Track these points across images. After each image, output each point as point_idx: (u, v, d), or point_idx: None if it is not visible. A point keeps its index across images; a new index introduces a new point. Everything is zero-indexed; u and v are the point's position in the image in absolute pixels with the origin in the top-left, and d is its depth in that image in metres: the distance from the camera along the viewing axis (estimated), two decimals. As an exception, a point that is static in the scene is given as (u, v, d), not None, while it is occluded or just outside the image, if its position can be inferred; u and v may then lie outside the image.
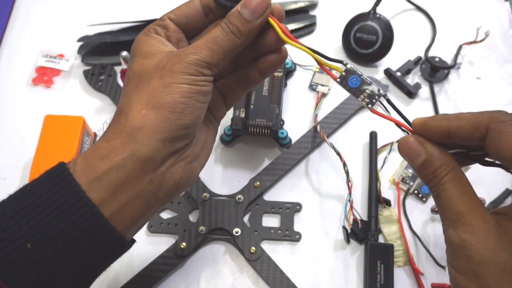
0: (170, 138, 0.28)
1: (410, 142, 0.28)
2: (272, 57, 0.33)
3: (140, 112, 0.28)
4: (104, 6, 0.65)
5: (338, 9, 0.64)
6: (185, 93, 0.28)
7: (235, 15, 0.29)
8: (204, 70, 0.29)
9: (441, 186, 0.27)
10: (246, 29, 0.29)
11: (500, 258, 0.24)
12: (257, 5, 0.29)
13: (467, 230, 0.25)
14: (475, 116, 0.26)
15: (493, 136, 0.25)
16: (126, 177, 0.27)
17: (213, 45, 0.29)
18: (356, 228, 0.47)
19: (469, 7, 0.64)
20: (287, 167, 0.51)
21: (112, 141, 0.28)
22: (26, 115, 0.56)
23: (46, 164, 0.46)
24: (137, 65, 0.30)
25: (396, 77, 0.57)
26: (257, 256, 0.46)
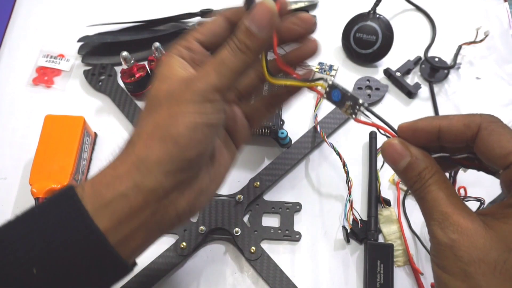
0: (172, 171, 0.28)
1: (395, 144, 0.28)
2: (304, 49, 0.33)
3: (146, 143, 0.28)
4: (104, 6, 0.65)
5: (338, 9, 0.64)
6: (191, 124, 0.27)
7: (242, 31, 0.28)
8: (213, 96, 0.28)
9: (426, 188, 0.27)
10: (254, 43, 0.28)
11: (490, 257, 0.24)
12: (263, 18, 0.28)
13: (456, 230, 0.25)
14: (466, 116, 0.27)
15: (485, 135, 0.26)
16: (129, 207, 0.27)
17: (221, 67, 0.28)
18: (356, 228, 0.47)
19: (469, 7, 0.64)
20: (287, 167, 0.51)
21: (118, 169, 0.28)
22: (26, 115, 0.56)
23: (46, 164, 0.47)
24: (154, 88, 0.30)
25: (396, 77, 0.57)
26: (257, 256, 0.46)
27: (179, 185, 0.29)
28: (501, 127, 0.25)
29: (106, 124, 0.55)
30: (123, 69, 0.55)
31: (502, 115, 0.56)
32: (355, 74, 0.59)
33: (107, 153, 0.53)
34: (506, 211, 0.25)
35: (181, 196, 0.29)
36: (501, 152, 0.25)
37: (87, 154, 0.52)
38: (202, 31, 0.31)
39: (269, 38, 0.29)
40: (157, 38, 0.58)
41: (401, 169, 0.28)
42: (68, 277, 0.26)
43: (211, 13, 0.61)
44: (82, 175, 0.50)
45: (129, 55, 0.53)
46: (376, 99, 0.56)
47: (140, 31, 0.61)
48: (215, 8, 0.62)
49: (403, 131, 0.29)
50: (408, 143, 0.28)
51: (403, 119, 0.58)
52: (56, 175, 0.46)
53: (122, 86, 0.57)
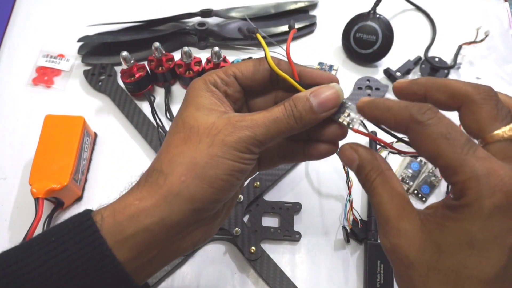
0: (201, 209, 0.28)
1: (344, 149, 0.29)
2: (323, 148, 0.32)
3: (180, 178, 0.27)
4: (104, 6, 0.65)
5: (338, 9, 0.64)
6: (229, 170, 0.28)
7: (303, 100, 0.29)
8: (254, 148, 0.28)
9: (372, 190, 0.27)
10: (308, 118, 0.29)
11: (424, 258, 0.24)
12: (328, 100, 0.29)
13: (396, 234, 0.25)
14: (398, 112, 0.26)
15: (412, 137, 0.25)
16: (151, 240, 0.27)
17: (271, 125, 0.28)
18: (356, 228, 0.47)
19: (469, 7, 0.64)
20: (287, 167, 0.51)
21: (144, 201, 0.27)
22: (26, 115, 0.56)
23: (46, 164, 0.47)
24: (189, 115, 0.29)
25: (396, 77, 0.57)
26: (257, 256, 0.46)
27: (201, 221, 0.29)
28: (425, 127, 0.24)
29: (106, 124, 0.55)
30: (123, 69, 0.55)
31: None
32: (355, 74, 0.59)
33: (107, 153, 0.53)
34: (444, 211, 0.25)
35: (198, 228, 0.30)
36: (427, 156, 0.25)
37: (87, 154, 0.52)
38: (242, 70, 0.31)
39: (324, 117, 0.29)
40: (157, 38, 0.58)
41: (354, 171, 0.29)
42: None
43: (211, 13, 0.61)
44: (82, 175, 0.50)
45: (129, 55, 0.53)
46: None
47: (140, 31, 0.61)
48: (215, 8, 0.62)
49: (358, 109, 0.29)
50: (357, 146, 0.29)
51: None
52: (56, 175, 0.46)
53: (122, 86, 0.57)
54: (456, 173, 0.23)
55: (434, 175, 0.51)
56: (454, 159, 0.23)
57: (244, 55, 0.60)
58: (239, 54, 0.61)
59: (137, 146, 0.54)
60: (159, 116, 0.54)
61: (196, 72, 0.56)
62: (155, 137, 0.53)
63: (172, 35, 0.61)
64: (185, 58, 0.55)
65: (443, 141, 0.24)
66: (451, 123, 0.24)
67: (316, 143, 0.33)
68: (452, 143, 0.23)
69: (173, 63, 0.56)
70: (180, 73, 0.56)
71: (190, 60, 0.55)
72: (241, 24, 0.62)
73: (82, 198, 0.50)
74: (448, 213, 0.24)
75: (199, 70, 0.56)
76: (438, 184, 0.50)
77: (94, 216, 0.27)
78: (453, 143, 0.23)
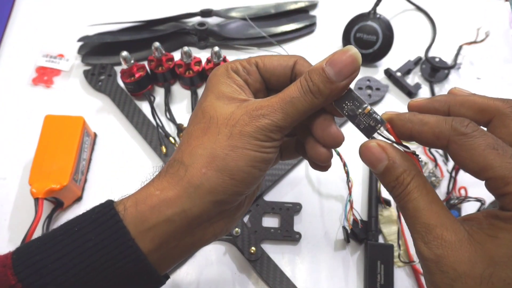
0: (222, 201, 0.28)
1: (371, 147, 0.26)
2: None
3: (201, 170, 0.27)
4: (104, 6, 0.65)
5: (338, 9, 0.64)
6: (250, 161, 0.27)
7: (318, 72, 0.27)
8: (275, 134, 0.28)
9: (406, 196, 0.25)
10: (328, 89, 0.27)
11: (476, 271, 0.23)
12: (345, 65, 0.27)
13: (440, 244, 0.24)
14: (437, 125, 0.25)
15: (455, 149, 0.24)
16: (173, 231, 0.27)
17: (289, 106, 0.27)
18: (356, 228, 0.47)
19: (469, 7, 0.64)
20: (287, 167, 0.51)
21: (165, 192, 0.27)
22: (26, 115, 0.56)
23: (45, 164, 0.47)
24: (208, 104, 0.29)
25: (396, 77, 0.57)
26: (257, 256, 0.46)
27: (223, 212, 0.29)
28: (471, 139, 0.24)
29: (106, 124, 0.55)
30: (123, 69, 0.55)
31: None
32: (355, 74, 0.59)
33: (107, 153, 0.53)
34: (492, 222, 0.24)
35: (220, 219, 0.30)
36: (475, 168, 0.24)
37: (86, 154, 0.51)
38: (265, 62, 0.30)
39: (345, 86, 0.27)
40: (157, 38, 0.58)
41: (379, 173, 0.27)
42: None
43: (211, 13, 0.61)
44: (82, 175, 0.50)
45: (129, 55, 0.53)
46: (377, 99, 0.56)
47: (140, 31, 0.61)
48: (215, 8, 0.62)
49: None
50: (386, 145, 0.26)
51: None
52: (55, 175, 0.46)
53: (122, 86, 0.57)
54: (509, 183, 0.22)
55: (435, 175, 0.51)
56: (506, 169, 0.23)
57: (244, 55, 0.60)
58: (239, 54, 0.61)
59: (137, 146, 0.54)
60: (159, 116, 0.54)
61: (196, 72, 0.55)
62: (155, 137, 0.53)
63: (172, 35, 0.61)
64: (185, 58, 0.55)
65: (492, 152, 0.23)
66: (494, 136, 0.24)
67: None
68: (502, 154, 0.23)
69: (173, 63, 0.56)
70: (180, 73, 0.56)
71: (190, 60, 0.55)
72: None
73: (82, 198, 0.50)
74: (499, 224, 0.24)
75: (199, 70, 0.56)
76: (438, 185, 0.50)
77: (116, 206, 0.27)
78: (503, 153, 0.23)
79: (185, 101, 0.58)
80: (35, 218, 0.44)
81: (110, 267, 0.26)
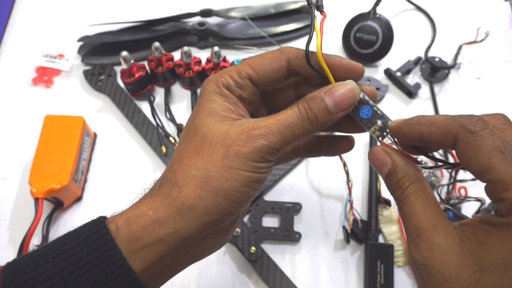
0: (217, 221, 0.27)
1: (377, 152, 0.28)
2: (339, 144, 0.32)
3: (195, 191, 0.27)
4: (104, 6, 0.65)
5: (338, 9, 0.64)
6: (245, 182, 0.27)
7: (317, 101, 0.27)
8: (270, 156, 0.27)
9: (404, 199, 0.26)
10: (325, 119, 0.27)
11: (462, 276, 0.23)
12: (344, 99, 0.27)
13: (429, 247, 0.24)
14: (445, 124, 0.25)
15: (462, 147, 0.24)
16: (165, 250, 0.27)
17: (286, 131, 0.27)
18: (356, 228, 0.47)
19: (469, 7, 0.64)
20: (287, 167, 0.51)
21: (158, 212, 0.27)
22: (26, 115, 0.56)
23: (45, 164, 0.47)
24: (201, 122, 0.28)
25: (396, 77, 0.57)
26: (257, 257, 0.46)
27: (217, 230, 0.29)
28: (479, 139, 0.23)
29: (106, 124, 0.55)
30: (122, 69, 0.55)
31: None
32: (355, 74, 0.59)
33: (107, 153, 0.53)
34: (485, 228, 0.24)
35: (214, 237, 0.30)
36: (477, 169, 0.24)
37: (86, 154, 0.51)
38: (257, 70, 0.29)
39: (341, 117, 0.28)
40: (157, 38, 0.58)
41: (384, 176, 0.28)
42: None
43: (211, 13, 0.61)
44: (82, 175, 0.50)
45: (129, 55, 0.53)
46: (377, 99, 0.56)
47: (140, 31, 0.61)
48: (215, 8, 0.62)
49: (392, 132, 0.28)
50: (391, 150, 0.28)
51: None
52: (55, 175, 0.46)
53: (122, 86, 0.57)
54: (508, 189, 0.22)
55: (435, 175, 0.51)
56: (508, 175, 0.22)
57: (244, 54, 0.60)
58: (239, 54, 0.61)
59: (137, 146, 0.54)
60: (159, 116, 0.54)
61: (196, 72, 0.55)
62: (155, 137, 0.53)
63: (172, 35, 0.61)
64: (185, 58, 0.55)
65: (497, 154, 0.23)
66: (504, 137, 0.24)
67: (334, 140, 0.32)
68: (508, 158, 0.23)
69: (173, 63, 0.56)
70: (180, 73, 0.56)
71: (190, 60, 0.55)
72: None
73: (82, 198, 0.50)
74: (492, 230, 0.23)
75: (199, 70, 0.56)
76: (438, 184, 0.50)
77: (108, 224, 0.27)
78: (508, 158, 0.23)
79: (185, 101, 0.58)
80: (35, 218, 0.44)
81: (101, 287, 0.26)
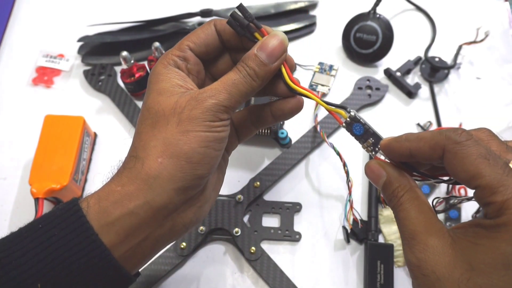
0: (184, 187, 0.28)
1: (372, 165, 0.30)
2: (285, 106, 0.33)
3: (157, 160, 0.28)
4: (104, 6, 0.65)
5: (338, 9, 0.64)
6: (203, 142, 0.28)
7: (252, 57, 0.29)
8: (222, 114, 0.29)
9: (399, 206, 0.28)
10: (262, 72, 0.29)
11: (454, 275, 0.24)
12: (274, 49, 0.29)
13: (422, 249, 0.25)
14: (432, 137, 0.27)
15: (449, 158, 0.26)
16: (138, 223, 0.28)
17: (231, 88, 0.29)
18: (356, 228, 0.47)
19: (469, 7, 0.64)
20: (287, 167, 0.51)
21: (126, 186, 0.28)
22: (26, 115, 0.56)
23: (46, 164, 0.47)
24: (152, 101, 0.29)
25: (396, 77, 0.57)
26: (257, 256, 0.46)
27: (189, 201, 0.29)
28: (464, 148, 0.25)
29: (106, 124, 0.55)
30: (123, 69, 0.55)
31: (502, 115, 0.57)
32: (355, 74, 0.59)
33: (107, 153, 0.53)
34: (476, 230, 0.25)
35: (188, 208, 0.30)
36: (465, 176, 0.25)
37: (87, 154, 0.52)
38: (194, 40, 0.31)
39: (277, 67, 0.30)
40: (157, 38, 0.58)
41: (380, 188, 0.30)
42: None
43: (211, 13, 0.61)
44: (82, 175, 0.50)
45: (129, 55, 0.53)
46: (376, 99, 0.56)
47: (140, 31, 0.61)
48: (215, 8, 0.62)
49: (383, 150, 0.30)
50: (385, 163, 0.30)
51: (404, 119, 0.58)
52: (55, 175, 0.46)
53: (122, 86, 0.57)
54: (495, 193, 0.24)
55: (434, 175, 0.51)
56: (494, 179, 0.24)
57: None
58: (239, 54, 0.61)
59: (137, 146, 0.54)
60: (159, 116, 0.54)
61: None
62: (155, 137, 0.53)
63: (172, 35, 0.61)
64: (157, 54, 0.54)
65: (483, 161, 0.24)
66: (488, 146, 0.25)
67: (278, 103, 0.33)
68: (493, 164, 0.24)
69: (173, 63, 0.56)
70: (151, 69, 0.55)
71: None
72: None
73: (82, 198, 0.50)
74: (481, 231, 0.24)
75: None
76: (438, 184, 0.50)
77: (80, 203, 0.28)
78: (493, 163, 0.24)
79: (185, 101, 0.57)
80: (35, 218, 0.44)
81: (75, 262, 0.26)
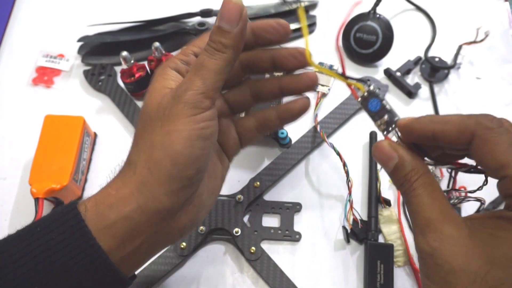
0: (174, 191, 0.28)
1: (383, 146, 0.28)
2: (294, 106, 0.32)
3: (145, 165, 0.28)
4: (104, 6, 0.65)
5: (338, 9, 0.64)
6: (187, 141, 0.27)
7: (215, 31, 0.28)
8: (203, 103, 0.28)
9: (411, 191, 0.26)
10: (230, 40, 0.28)
11: (471, 268, 0.23)
12: (230, 12, 0.28)
13: (437, 237, 0.24)
14: (461, 121, 0.25)
15: (478, 144, 0.24)
16: (133, 228, 0.28)
17: (202, 71, 0.28)
18: (356, 228, 0.47)
19: (469, 7, 0.64)
20: (287, 167, 0.51)
21: (121, 191, 0.28)
22: (26, 115, 0.56)
23: (46, 164, 0.47)
24: (144, 103, 0.30)
25: (396, 77, 0.57)
26: (257, 256, 0.46)
27: (181, 204, 0.29)
28: (496, 135, 0.24)
29: (106, 124, 0.55)
30: (123, 69, 0.55)
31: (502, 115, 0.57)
32: (355, 74, 0.59)
33: (107, 153, 0.53)
34: (496, 221, 0.24)
35: (183, 213, 0.30)
36: (494, 165, 0.24)
37: (87, 154, 0.52)
38: (199, 45, 0.31)
39: (243, 31, 0.28)
40: (157, 38, 0.58)
41: (390, 170, 0.28)
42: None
43: (211, 13, 0.61)
44: (82, 175, 0.50)
45: (129, 55, 0.53)
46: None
47: (140, 31, 0.61)
48: (215, 8, 0.62)
49: (401, 129, 0.28)
50: (397, 144, 0.28)
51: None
52: (56, 175, 0.46)
53: (122, 86, 0.57)
54: None
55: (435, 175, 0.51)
56: None
57: (244, 55, 0.60)
58: (239, 54, 0.61)
59: (137, 146, 0.54)
60: (159, 116, 0.54)
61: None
62: (155, 137, 0.53)
63: (172, 35, 0.61)
64: (157, 54, 0.54)
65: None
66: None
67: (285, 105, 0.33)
68: None
69: (173, 63, 0.56)
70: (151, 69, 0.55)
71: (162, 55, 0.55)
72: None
73: (82, 198, 0.50)
74: (503, 223, 0.24)
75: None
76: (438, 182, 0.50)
77: (78, 206, 0.28)
78: None
79: (185, 101, 0.57)
80: (35, 218, 0.44)
81: (73, 266, 0.26)
